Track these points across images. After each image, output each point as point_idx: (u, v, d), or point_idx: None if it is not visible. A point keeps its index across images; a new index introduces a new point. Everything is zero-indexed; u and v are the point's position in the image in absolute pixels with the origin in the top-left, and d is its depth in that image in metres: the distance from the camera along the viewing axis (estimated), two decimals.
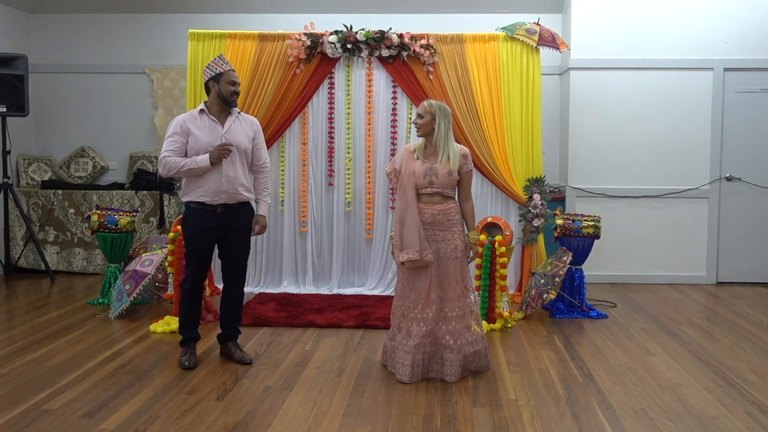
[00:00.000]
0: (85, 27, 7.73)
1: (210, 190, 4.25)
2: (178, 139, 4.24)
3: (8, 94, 6.77)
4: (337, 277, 6.57)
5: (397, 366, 4.18)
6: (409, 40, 6.28)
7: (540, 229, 6.37)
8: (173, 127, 4.27)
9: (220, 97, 4.27)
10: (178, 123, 4.28)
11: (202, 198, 4.26)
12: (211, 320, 5.48)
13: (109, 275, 6.12)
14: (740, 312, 5.98)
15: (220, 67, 4.27)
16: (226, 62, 4.32)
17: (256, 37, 6.40)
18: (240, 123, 4.37)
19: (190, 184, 4.29)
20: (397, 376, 4.16)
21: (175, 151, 4.23)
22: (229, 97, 4.27)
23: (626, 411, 3.72)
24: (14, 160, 7.57)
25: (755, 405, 3.82)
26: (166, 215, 7.14)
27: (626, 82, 7.03)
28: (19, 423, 3.48)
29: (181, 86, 7.60)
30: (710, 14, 6.97)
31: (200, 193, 4.26)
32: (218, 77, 4.26)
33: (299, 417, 3.60)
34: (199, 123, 4.27)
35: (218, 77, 4.26)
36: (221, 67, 4.28)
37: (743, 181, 7.08)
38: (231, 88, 4.26)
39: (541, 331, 5.34)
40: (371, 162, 6.53)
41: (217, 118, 4.31)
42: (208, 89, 4.31)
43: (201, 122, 4.28)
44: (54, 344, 4.81)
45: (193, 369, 4.32)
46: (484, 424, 3.54)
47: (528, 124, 6.37)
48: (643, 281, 7.06)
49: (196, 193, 4.27)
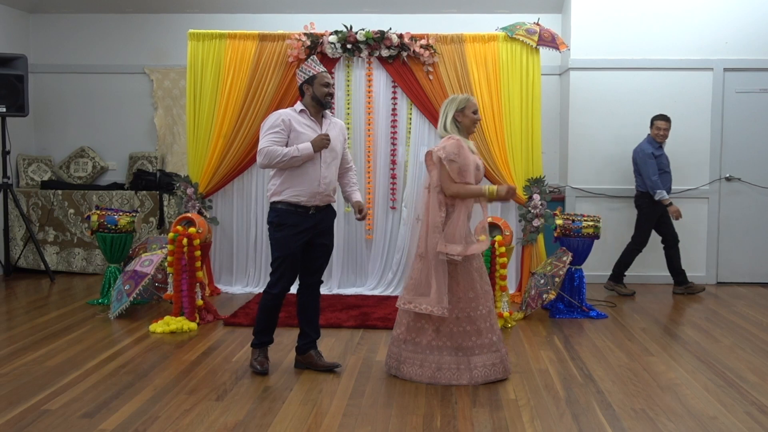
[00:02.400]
0: (85, 27, 7.73)
1: (307, 191, 4.16)
2: (280, 132, 4.14)
3: (8, 94, 6.77)
4: (337, 278, 6.57)
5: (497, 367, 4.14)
6: (409, 41, 6.28)
7: (540, 229, 6.37)
8: (274, 120, 4.17)
9: (315, 99, 4.21)
10: (280, 117, 4.18)
11: (298, 198, 4.16)
12: (211, 320, 5.47)
13: (108, 275, 6.12)
14: (740, 312, 5.98)
15: (313, 69, 4.21)
16: (318, 64, 4.26)
17: (256, 37, 6.40)
18: (333, 126, 4.34)
19: (285, 183, 4.17)
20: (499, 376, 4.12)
21: (277, 143, 4.14)
22: (324, 98, 4.21)
23: (626, 411, 3.72)
24: (14, 161, 7.56)
25: (755, 405, 3.82)
26: (166, 215, 7.14)
27: (626, 82, 7.04)
28: (19, 423, 3.47)
29: (181, 86, 7.60)
30: (710, 14, 6.97)
31: (296, 192, 4.16)
32: (312, 80, 4.20)
33: (299, 417, 3.60)
34: (301, 120, 4.22)
35: (312, 80, 4.20)
36: (314, 69, 4.22)
37: (743, 181, 7.08)
38: (325, 89, 4.21)
39: (541, 331, 5.34)
40: (371, 162, 6.52)
41: (314, 119, 4.28)
42: (302, 92, 4.25)
43: (303, 120, 4.22)
44: (54, 344, 4.81)
45: (265, 375, 4.22)
46: (484, 424, 3.54)
47: (528, 124, 6.37)
48: (643, 281, 7.06)
49: (291, 193, 4.16)
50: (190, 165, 6.51)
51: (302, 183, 4.16)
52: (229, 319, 5.49)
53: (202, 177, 6.44)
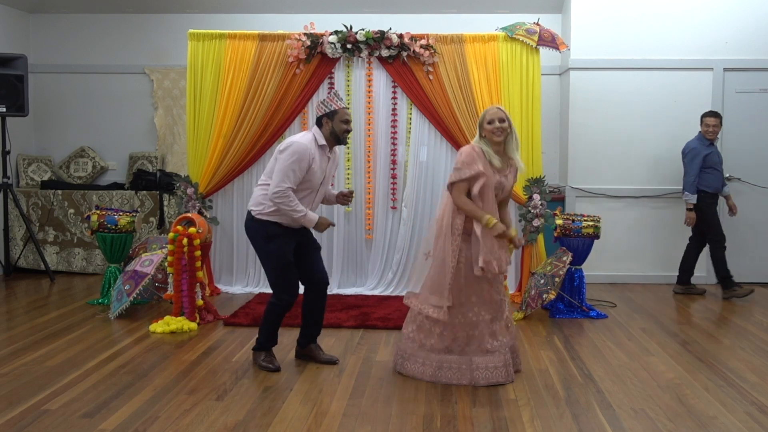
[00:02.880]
0: (85, 27, 7.73)
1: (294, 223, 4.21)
2: (303, 169, 4.10)
3: (8, 94, 6.77)
4: (337, 278, 6.56)
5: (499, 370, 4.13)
6: (409, 41, 6.28)
7: (540, 229, 6.37)
8: (302, 154, 4.08)
9: (333, 135, 4.20)
10: (310, 154, 4.11)
11: (287, 223, 4.20)
12: (211, 320, 5.47)
13: (108, 275, 6.12)
14: (740, 312, 5.98)
15: (334, 104, 4.18)
16: (340, 99, 4.23)
17: (256, 37, 6.40)
18: (334, 157, 4.34)
19: (274, 215, 4.17)
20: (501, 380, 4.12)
21: (294, 183, 4.10)
22: (342, 135, 4.20)
23: (626, 411, 3.72)
24: (14, 160, 7.57)
25: (755, 405, 3.82)
26: (166, 215, 7.14)
27: (626, 82, 7.03)
28: (19, 423, 3.48)
29: (180, 86, 7.60)
30: (710, 14, 6.97)
31: (284, 221, 4.19)
32: (332, 114, 4.17)
33: (299, 417, 3.60)
34: (319, 158, 4.18)
35: (332, 114, 4.17)
36: (336, 104, 4.18)
37: (743, 181, 7.08)
38: (344, 126, 4.19)
39: (541, 331, 5.34)
40: (371, 162, 6.52)
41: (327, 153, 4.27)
42: (320, 123, 4.21)
43: (321, 158, 4.19)
44: (54, 344, 4.81)
45: (279, 371, 4.25)
46: (484, 424, 3.54)
47: (528, 124, 6.37)
48: (643, 281, 7.06)
49: (279, 220, 4.19)
50: (190, 165, 6.51)
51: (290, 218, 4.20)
52: (229, 319, 5.49)
53: (202, 177, 6.44)
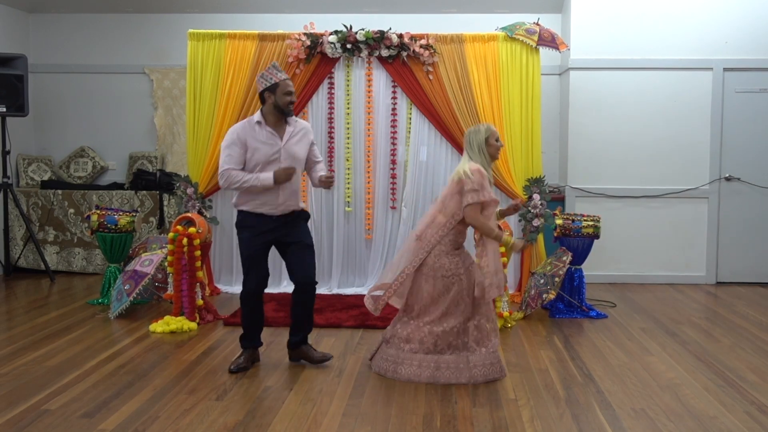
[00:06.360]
0: (85, 27, 7.73)
1: (268, 204, 4.21)
2: (236, 150, 4.16)
3: (8, 94, 6.77)
4: (337, 277, 6.57)
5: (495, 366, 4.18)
6: (409, 40, 6.28)
7: (540, 229, 6.37)
8: (230, 138, 4.18)
9: (277, 108, 4.19)
10: (235, 133, 4.19)
11: (260, 209, 4.22)
12: (210, 320, 5.48)
13: (108, 275, 6.12)
14: (740, 312, 5.98)
15: (275, 77, 4.16)
16: (280, 71, 4.21)
17: (256, 37, 6.40)
18: (297, 132, 4.31)
19: (245, 196, 4.22)
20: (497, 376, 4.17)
21: (234, 161, 4.15)
22: (286, 107, 4.18)
23: (626, 411, 3.72)
24: (14, 160, 7.57)
25: (755, 405, 3.82)
26: (166, 215, 7.14)
27: (626, 82, 7.04)
28: (19, 423, 3.48)
29: (180, 86, 7.60)
30: (710, 14, 6.97)
31: (257, 205, 4.21)
32: (274, 87, 4.16)
33: (299, 417, 3.60)
34: (257, 135, 4.19)
35: (274, 87, 4.16)
36: (276, 76, 4.17)
37: (743, 181, 7.08)
38: (287, 98, 4.18)
39: (541, 331, 5.34)
40: (371, 162, 6.52)
41: (274, 128, 4.22)
42: (263, 99, 4.21)
43: (259, 134, 4.19)
44: (54, 344, 4.81)
45: (235, 373, 4.24)
46: (483, 424, 3.54)
47: (528, 124, 6.37)
48: (643, 281, 7.06)
49: (252, 205, 4.22)
50: (190, 165, 6.51)
51: (263, 196, 4.21)
52: (229, 318, 5.49)
53: (202, 177, 6.44)
